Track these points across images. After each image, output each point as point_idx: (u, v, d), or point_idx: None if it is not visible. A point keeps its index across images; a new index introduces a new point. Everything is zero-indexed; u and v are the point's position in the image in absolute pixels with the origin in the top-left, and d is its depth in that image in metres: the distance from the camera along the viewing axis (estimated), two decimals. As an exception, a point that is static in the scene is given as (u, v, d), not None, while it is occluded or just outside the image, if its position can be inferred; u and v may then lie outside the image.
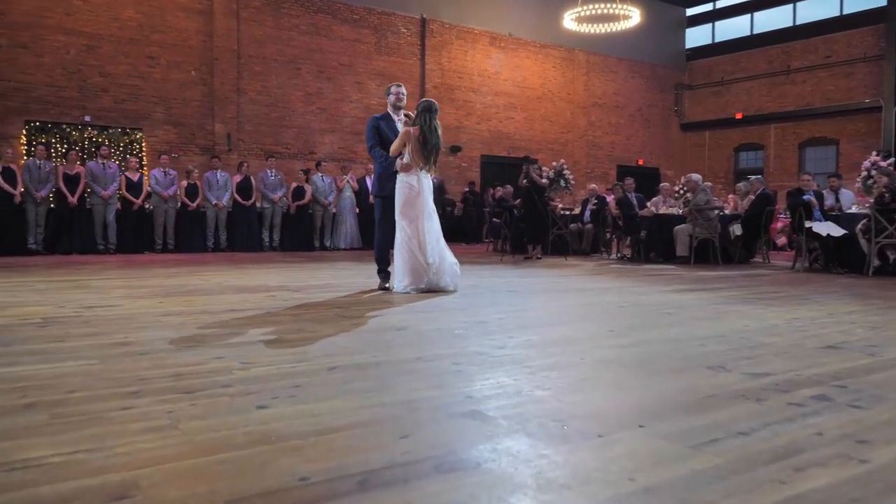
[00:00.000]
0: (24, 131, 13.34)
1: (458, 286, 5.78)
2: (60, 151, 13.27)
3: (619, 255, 11.35)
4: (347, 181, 13.26)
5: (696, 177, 10.48)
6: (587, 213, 12.66)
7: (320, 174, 13.08)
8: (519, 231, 11.58)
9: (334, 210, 13.25)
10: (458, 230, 17.38)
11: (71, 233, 10.73)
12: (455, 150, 18.89)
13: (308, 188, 12.78)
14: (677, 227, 9.88)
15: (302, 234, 12.76)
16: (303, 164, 16.38)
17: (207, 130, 15.34)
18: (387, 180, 5.91)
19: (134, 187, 11.29)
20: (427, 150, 5.70)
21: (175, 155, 14.72)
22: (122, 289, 5.83)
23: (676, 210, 10.59)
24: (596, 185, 15.83)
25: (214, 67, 15.29)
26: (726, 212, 10.68)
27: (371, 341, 3.49)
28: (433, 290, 5.62)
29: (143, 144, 14.60)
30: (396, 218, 5.76)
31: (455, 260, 5.87)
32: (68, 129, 13.77)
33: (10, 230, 10.19)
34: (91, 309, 4.56)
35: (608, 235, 12.31)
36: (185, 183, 11.82)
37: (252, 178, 12.44)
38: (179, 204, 11.76)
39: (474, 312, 4.58)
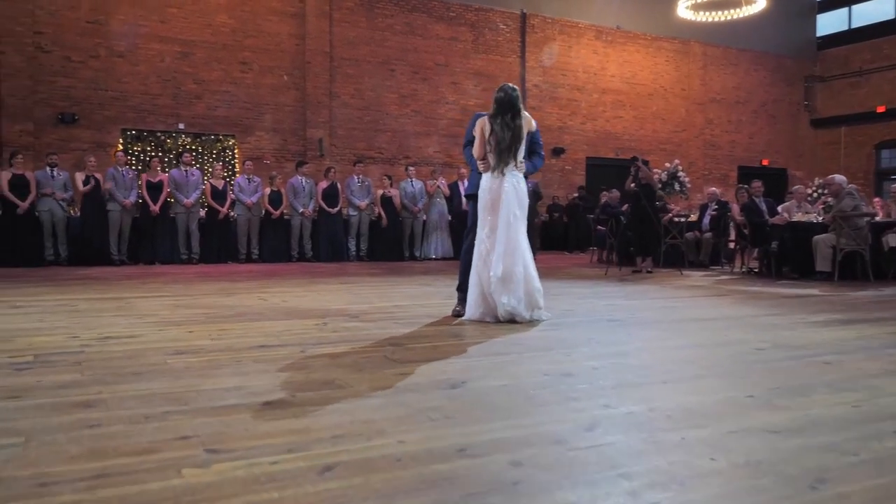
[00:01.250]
0: (120, 140, 13.36)
1: (536, 317, 4.71)
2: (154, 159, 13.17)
3: (744, 268, 9.89)
4: (438, 186, 12.41)
5: (839, 178, 8.90)
6: (706, 220, 11.22)
7: (410, 179, 12.30)
8: (626, 240, 10.34)
9: (424, 217, 12.44)
10: (564, 238, 16.23)
11: (154, 242, 10.43)
12: (558, 152, 17.73)
13: (395, 194, 12.03)
14: (817, 238, 8.37)
15: (390, 243, 12.01)
16: (398, 169, 15.75)
17: (300, 136, 14.95)
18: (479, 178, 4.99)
19: (219, 195, 10.89)
20: (500, 148, 4.72)
21: (267, 161, 14.43)
22: (166, 310, 5.17)
23: (815, 217, 9.05)
24: (717, 187, 14.25)
25: (307, 71, 14.88)
26: (877, 219, 9.03)
27: (407, 409, 2.53)
28: (511, 321, 4.60)
29: (236, 151, 14.37)
30: (478, 228, 4.82)
31: (538, 285, 4.78)
32: (162, 137, 13.69)
33: (94, 239, 9.97)
34: (104, 341, 3.86)
35: (731, 246, 10.83)
36: (268, 190, 11.32)
37: (339, 184, 11.81)
38: (264, 212, 11.28)
39: (561, 356, 3.54)
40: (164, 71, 13.70)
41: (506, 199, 4.68)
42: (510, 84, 4.92)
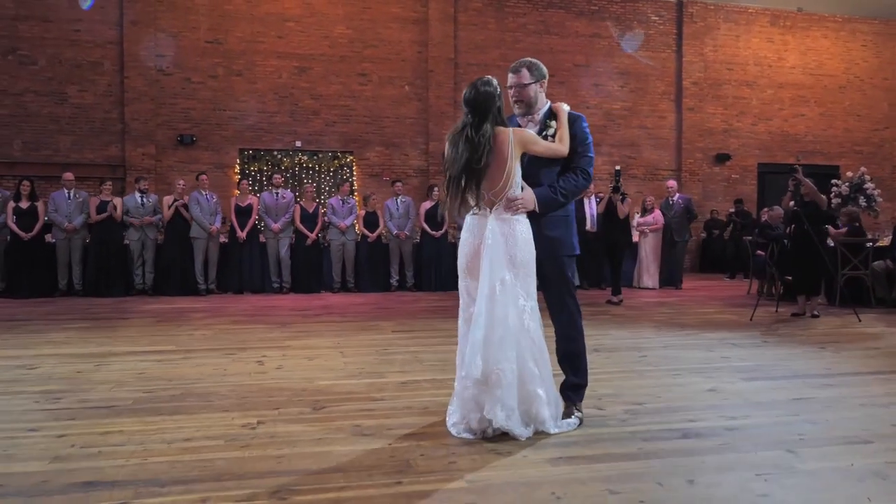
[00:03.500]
0: (237, 160, 13.07)
1: (545, 429, 3.10)
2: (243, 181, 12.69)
3: (955, 313, 7.31)
4: (560, 205, 10.71)
5: None
6: (902, 246, 8.62)
7: (526, 197, 10.72)
8: (788, 271, 8.11)
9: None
10: (723, 259, 13.82)
11: (241, 270, 9.77)
12: (722, 158, 15.27)
13: (510, 215, 10.50)
14: None
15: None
16: (529, 183, 14.21)
17: (422, 150, 13.93)
18: None
19: (308, 218, 10.03)
20: (448, 179, 3.17)
21: (386, 178, 13.54)
22: (112, 384, 4.15)
23: None
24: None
25: (429, 80, 13.83)
26: None
27: None
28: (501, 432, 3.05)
29: (354, 168, 13.62)
30: (461, 293, 3.30)
31: (541, 389, 3.10)
32: (279, 156, 13.24)
33: (177, 268, 9.48)
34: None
35: (937, 281, 8.20)
36: (363, 212, 10.30)
37: (444, 204, 10.54)
38: (360, 236, 10.28)
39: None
40: (281, 87, 13.25)
41: (487, 257, 3.07)
42: (486, 78, 3.32)
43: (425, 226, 10.29)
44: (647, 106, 15.03)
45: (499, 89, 3.22)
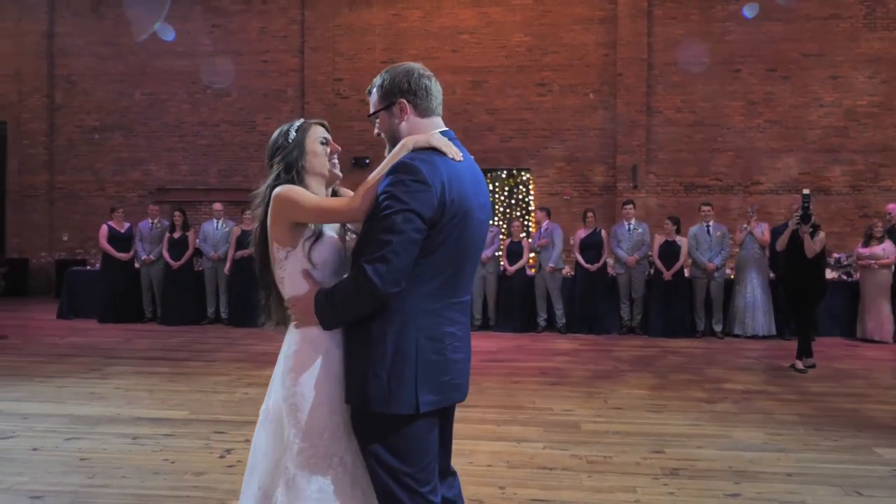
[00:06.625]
0: (409, 181, 12.64)
1: None
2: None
3: None
4: (748, 230, 8.60)
5: None
6: None
7: (705, 223, 8.76)
8: None
9: (729, 275, 8.77)
10: None
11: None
12: None
13: (682, 242, 8.65)
14: None
15: (677, 311, 8.68)
16: (741, 199, 11.99)
17: (608, 164, 12.37)
18: None
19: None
20: None
21: (567, 197, 12.26)
22: (29, 479, 3.64)
23: None
24: None
25: (618, 85, 12.23)
26: None
27: None
28: None
29: (531, 186, 12.50)
30: None
31: None
32: (451, 176, 12.56)
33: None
34: None
35: None
36: (508, 240, 9.14)
37: (604, 232, 9.02)
38: (503, 268, 9.14)
39: None
40: (454, 104, 12.54)
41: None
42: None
43: (579, 257, 8.86)
44: (907, 99, 11.86)
45: (293, 133, 2.11)
